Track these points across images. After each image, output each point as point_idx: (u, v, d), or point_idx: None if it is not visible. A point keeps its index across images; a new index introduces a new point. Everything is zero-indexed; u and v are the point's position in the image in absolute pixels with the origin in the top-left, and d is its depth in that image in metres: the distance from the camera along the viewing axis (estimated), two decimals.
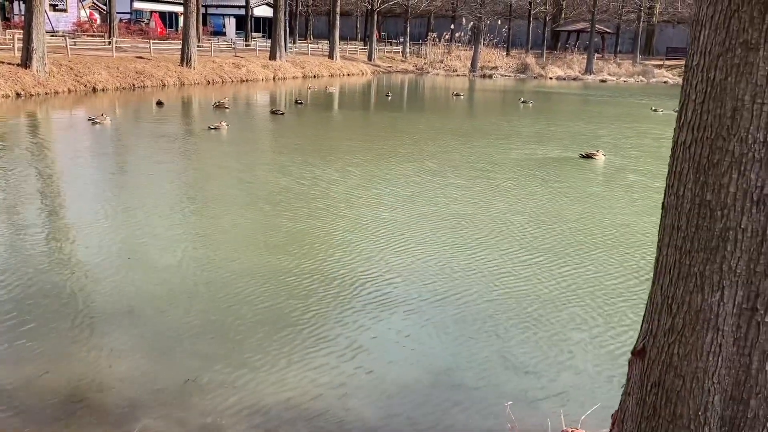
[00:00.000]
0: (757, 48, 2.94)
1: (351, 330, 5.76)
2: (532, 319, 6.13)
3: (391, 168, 12.86)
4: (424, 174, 12.37)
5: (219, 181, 11.37)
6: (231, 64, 34.17)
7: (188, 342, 5.44)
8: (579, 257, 7.88)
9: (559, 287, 6.91)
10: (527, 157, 14.61)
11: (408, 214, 9.42)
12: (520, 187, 11.59)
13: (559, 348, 5.60)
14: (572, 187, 11.71)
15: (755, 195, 3.03)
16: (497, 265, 7.48)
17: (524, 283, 6.98)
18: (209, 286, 6.59)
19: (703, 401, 3.22)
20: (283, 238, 8.11)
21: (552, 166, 13.54)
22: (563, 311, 6.32)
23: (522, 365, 5.30)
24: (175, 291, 6.45)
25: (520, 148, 15.86)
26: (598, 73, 49.72)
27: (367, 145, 15.90)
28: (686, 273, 3.23)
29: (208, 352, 5.29)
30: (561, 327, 5.99)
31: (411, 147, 15.59)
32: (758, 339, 3.12)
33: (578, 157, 14.48)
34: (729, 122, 3.03)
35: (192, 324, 5.76)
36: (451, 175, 12.34)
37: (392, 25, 73.63)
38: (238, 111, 21.59)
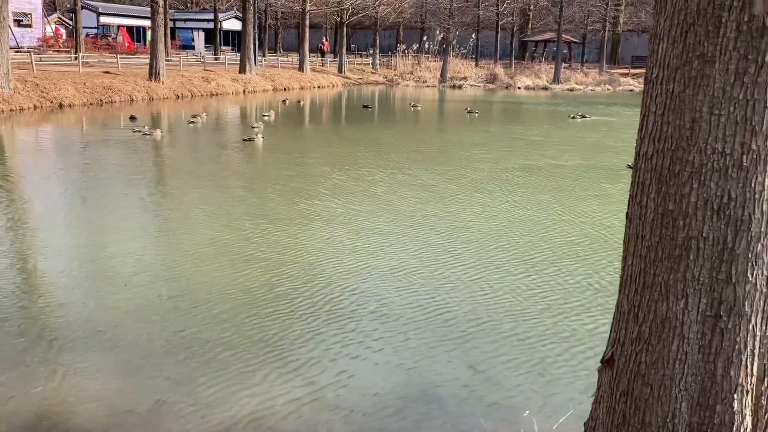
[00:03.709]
0: (713, 61, 3.01)
1: (323, 346, 5.73)
2: (503, 328, 6.16)
3: (359, 181, 12.86)
4: (391, 186, 12.40)
5: (191, 196, 11.26)
6: (200, 77, 33.95)
7: (160, 361, 5.37)
8: (548, 265, 7.95)
9: (529, 296, 6.96)
10: (504, 167, 14.74)
11: (377, 228, 9.42)
12: (483, 196, 11.68)
13: (531, 357, 5.64)
14: (524, 194, 11.84)
15: (715, 204, 3.09)
16: (467, 275, 7.50)
17: (495, 293, 7.02)
18: (181, 303, 6.52)
19: (671, 408, 3.26)
20: (256, 256, 8.05)
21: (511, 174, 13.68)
22: (535, 320, 6.36)
23: (494, 375, 5.31)
24: (146, 309, 6.36)
25: (497, 158, 15.99)
26: (566, 82, 50.43)
27: (333, 159, 15.89)
28: (651, 282, 3.28)
29: (180, 370, 5.22)
30: (533, 336, 6.03)
31: (378, 158, 15.63)
32: (722, 346, 3.18)
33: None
34: (688, 133, 3.10)
35: (163, 343, 5.68)
36: (415, 186, 12.39)
37: (362, 37, 73.96)
38: (218, 123, 21.48)
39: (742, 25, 2.95)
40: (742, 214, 3.08)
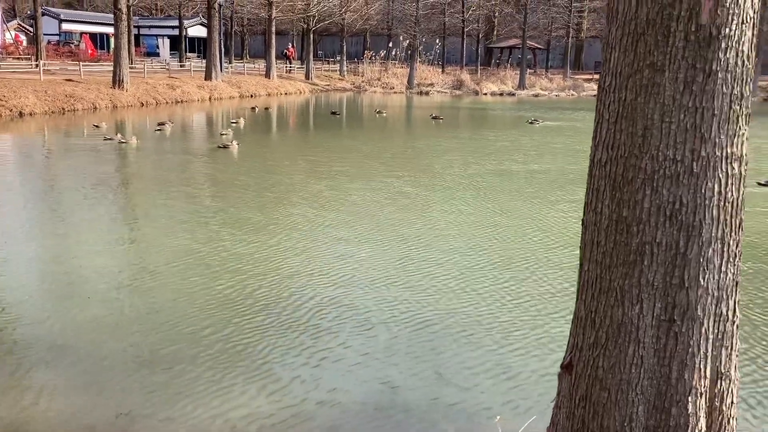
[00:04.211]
0: (663, 70, 3.07)
1: (293, 355, 5.68)
2: (469, 334, 6.18)
3: (335, 189, 12.82)
4: (367, 194, 12.38)
5: (161, 206, 11.10)
6: (165, 85, 33.56)
7: (125, 375, 5.26)
8: (522, 270, 8.00)
9: (495, 301, 6.99)
10: (474, 172, 14.82)
11: (352, 236, 9.38)
12: (458, 203, 11.72)
13: (497, 362, 5.66)
14: (496, 200, 11.93)
15: (668, 210, 3.15)
16: (444, 283, 7.51)
17: (461, 299, 7.03)
18: (148, 315, 6.40)
19: (628, 412, 3.30)
20: (225, 265, 7.95)
21: (488, 179, 13.77)
22: (501, 326, 6.40)
23: (460, 381, 5.32)
24: (112, 322, 6.24)
25: (465, 163, 16.08)
26: (531, 88, 51.02)
27: (307, 166, 15.81)
28: (607, 287, 3.33)
29: (145, 384, 5.12)
30: (499, 341, 6.06)
31: (351, 166, 15.61)
32: (676, 349, 3.23)
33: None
34: (640, 141, 3.15)
35: (129, 356, 5.57)
36: (391, 194, 12.40)
37: (329, 43, 73.93)
38: (188, 131, 21.23)
39: (690, 34, 3.02)
40: (693, 220, 3.14)
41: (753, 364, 5.65)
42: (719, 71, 3.03)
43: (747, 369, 5.55)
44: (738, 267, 3.28)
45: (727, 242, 3.20)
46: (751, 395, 5.15)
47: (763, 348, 5.97)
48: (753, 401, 5.07)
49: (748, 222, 10.33)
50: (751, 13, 3.05)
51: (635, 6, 3.10)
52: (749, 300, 7.09)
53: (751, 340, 6.14)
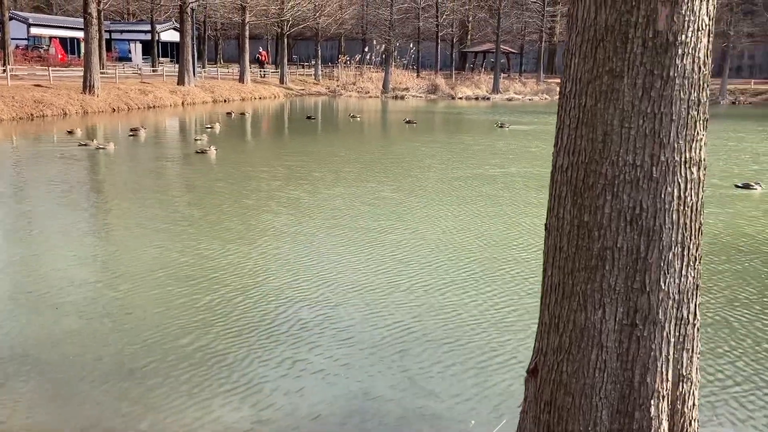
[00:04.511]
0: (622, 76, 3.09)
1: (265, 365, 5.63)
2: (441, 340, 6.17)
3: (314, 195, 12.76)
4: (344, 200, 12.35)
5: (134, 214, 10.95)
6: (137, 90, 33.21)
7: (95, 387, 5.15)
8: (484, 276, 8.02)
9: (464, 307, 7.00)
10: (451, 177, 14.85)
11: (331, 243, 9.31)
12: (439, 208, 11.73)
13: (468, 367, 5.66)
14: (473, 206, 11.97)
15: (628, 215, 3.17)
16: (425, 291, 7.49)
17: (430, 305, 7.03)
18: (122, 326, 6.28)
19: (592, 417, 3.31)
20: (201, 274, 7.85)
21: (461, 185, 13.81)
22: (472, 331, 6.40)
23: (431, 387, 5.31)
24: (82, 333, 6.12)
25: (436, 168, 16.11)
26: (505, 92, 51.41)
27: (285, 172, 15.72)
28: (570, 292, 3.34)
29: (117, 397, 5.03)
30: (470, 347, 6.06)
31: (330, 171, 15.56)
32: (639, 353, 3.25)
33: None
34: (601, 146, 3.17)
35: (101, 368, 5.46)
36: (371, 200, 12.38)
37: (304, 47, 73.77)
38: (164, 137, 20.96)
39: (648, 41, 3.05)
40: (653, 224, 3.17)
41: (713, 366, 5.72)
42: (677, 77, 3.07)
43: (708, 370, 5.63)
44: (698, 270, 3.31)
45: (687, 246, 3.23)
46: (712, 397, 5.20)
47: (724, 349, 6.04)
48: (714, 403, 5.12)
49: (723, 222, 10.56)
50: (707, 20, 3.09)
51: (594, 13, 3.12)
52: (731, 301, 7.19)
53: (712, 342, 6.22)
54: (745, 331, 6.40)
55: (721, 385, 5.39)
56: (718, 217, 11.11)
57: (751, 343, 6.16)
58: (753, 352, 5.97)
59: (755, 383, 5.40)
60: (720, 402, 5.13)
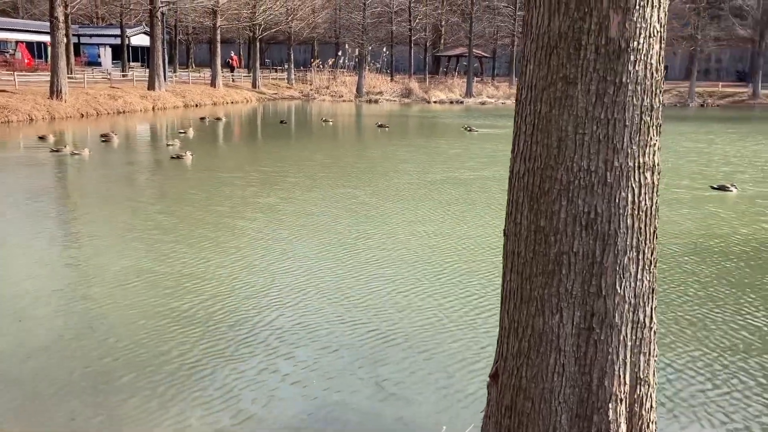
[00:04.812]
0: (576, 82, 3.12)
1: (231, 371, 5.57)
2: (408, 346, 6.17)
3: (288, 201, 12.67)
4: (320, 205, 12.29)
5: (102, 221, 10.78)
6: (106, 95, 32.75)
7: (66, 400, 5.05)
8: (462, 280, 8.03)
9: (442, 312, 6.99)
10: (422, 182, 14.86)
11: (307, 251, 9.21)
12: (417, 212, 11.71)
13: (436, 372, 5.66)
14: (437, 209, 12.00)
15: (584, 220, 3.20)
16: (392, 294, 7.47)
17: (406, 310, 7.02)
18: (90, 337, 6.16)
19: (552, 421, 3.33)
20: (173, 282, 7.75)
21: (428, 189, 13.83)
22: (440, 336, 6.41)
23: (400, 393, 5.30)
24: (51, 346, 5.99)
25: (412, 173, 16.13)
26: (478, 95, 51.70)
27: (261, 177, 15.60)
28: (528, 297, 3.36)
29: (88, 408, 4.94)
30: (438, 352, 6.06)
31: (306, 176, 15.49)
32: (596, 357, 3.28)
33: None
34: (556, 152, 3.19)
35: (71, 380, 5.35)
36: (348, 205, 12.34)
37: (276, 51, 73.45)
38: (136, 142, 20.68)
39: (600, 47, 3.08)
40: (608, 229, 3.20)
41: (670, 368, 5.79)
42: (629, 83, 3.10)
43: (664, 372, 5.69)
44: (654, 274, 3.35)
45: (642, 250, 3.26)
46: (669, 398, 5.26)
47: (678, 352, 6.10)
48: (672, 404, 5.17)
49: (700, 224, 10.71)
50: (658, 27, 3.13)
51: (548, 20, 3.15)
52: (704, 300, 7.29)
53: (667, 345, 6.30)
54: (721, 332, 6.48)
55: (701, 387, 5.43)
56: (694, 219, 11.28)
57: (729, 342, 6.23)
58: (732, 353, 6.03)
59: (733, 385, 5.45)
60: (674, 404, 5.19)
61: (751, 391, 5.37)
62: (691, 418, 4.96)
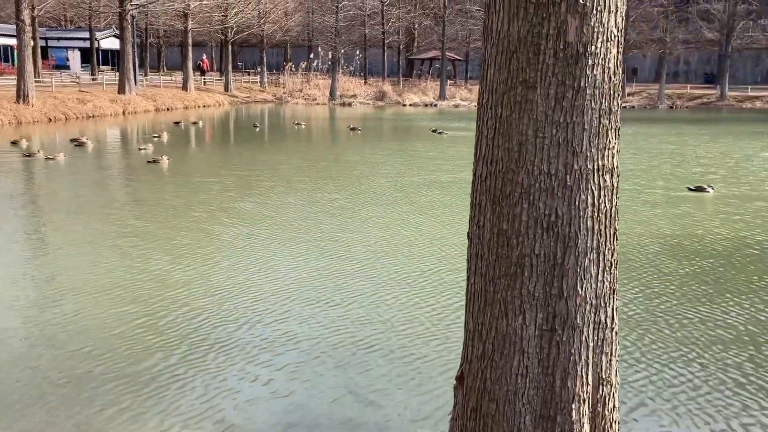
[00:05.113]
0: (535, 86, 3.15)
1: (209, 379, 5.51)
2: (380, 350, 6.16)
3: (259, 206, 12.59)
4: (298, 210, 12.24)
5: (71, 227, 10.60)
6: (75, 99, 32.30)
7: (38, 412, 4.94)
8: (443, 284, 8.03)
9: (414, 315, 6.98)
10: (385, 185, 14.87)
11: (278, 256, 9.13)
12: (397, 216, 11.69)
13: (407, 376, 5.65)
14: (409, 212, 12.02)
15: (545, 222, 3.22)
16: (342, 298, 7.47)
17: (378, 315, 7.01)
18: (63, 348, 6.04)
19: (516, 422, 3.35)
20: (135, 288, 7.64)
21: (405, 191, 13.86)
22: (410, 339, 6.41)
23: (372, 397, 5.29)
24: (23, 357, 5.85)
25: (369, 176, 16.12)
26: (451, 98, 51.97)
27: (235, 181, 15.47)
28: (491, 299, 3.37)
29: (49, 418, 4.84)
30: (409, 355, 6.06)
31: (282, 181, 15.41)
32: (559, 358, 3.31)
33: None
34: (516, 156, 3.22)
35: (43, 393, 5.25)
36: (327, 210, 12.30)
37: (249, 54, 73.10)
38: (110, 146, 20.39)
39: (559, 52, 3.11)
40: (569, 231, 3.23)
41: (632, 368, 5.86)
42: (587, 87, 3.14)
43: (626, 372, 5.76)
44: (614, 275, 3.39)
45: (602, 252, 3.30)
46: (632, 398, 5.30)
47: (641, 351, 6.17)
48: (634, 403, 5.22)
49: (678, 225, 10.86)
50: (615, 32, 3.17)
51: (507, 24, 3.17)
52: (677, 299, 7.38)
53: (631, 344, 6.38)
54: (699, 332, 6.56)
55: (682, 387, 5.48)
56: (673, 220, 11.43)
57: (706, 341, 6.31)
58: (715, 353, 6.11)
59: (713, 385, 5.50)
60: (637, 403, 5.26)
61: (728, 388, 5.42)
62: (673, 417, 5.00)
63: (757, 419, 4.98)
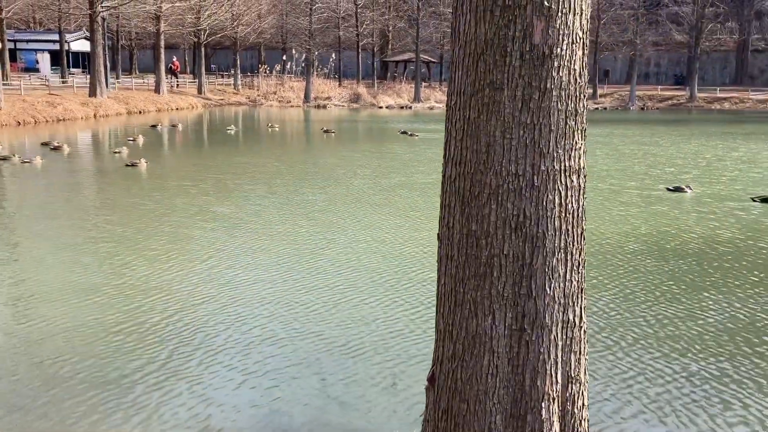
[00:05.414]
0: (502, 88, 3.18)
1: (182, 383, 5.46)
2: (353, 352, 6.15)
3: (237, 210, 12.49)
4: (265, 214, 12.16)
5: (41, 228, 10.42)
6: (45, 102, 31.79)
7: (2, 416, 4.87)
8: (417, 285, 8.05)
9: (396, 318, 6.97)
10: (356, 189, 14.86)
11: (248, 261, 9.05)
12: (379, 218, 11.67)
13: (380, 378, 5.65)
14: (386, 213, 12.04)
15: (513, 223, 3.25)
16: (313, 300, 7.45)
17: (348, 317, 7.01)
18: (35, 353, 5.93)
19: (487, 422, 3.37)
20: (119, 293, 7.53)
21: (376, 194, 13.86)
22: (387, 340, 6.41)
23: (345, 399, 5.28)
24: None
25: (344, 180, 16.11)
26: (426, 100, 52.11)
27: (212, 184, 15.33)
28: (461, 300, 3.39)
29: (24, 424, 4.75)
30: (387, 356, 6.06)
31: (260, 184, 15.31)
32: (528, 357, 3.33)
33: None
34: (485, 157, 3.24)
35: (7, 397, 5.14)
36: (305, 213, 12.25)
37: (223, 57, 72.60)
38: (86, 150, 20.08)
39: (525, 54, 3.14)
40: (537, 231, 3.26)
41: (602, 366, 5.93)
42: (554, 89, 3.17)
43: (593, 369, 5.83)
44: (582, 275, 3.43)
45: (570, 251, 3.34)
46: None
47: (615, 350, 6.25)
48: (603, 401, 5.28)
49: (657, 225, 10.98)
50: (580, 34, 3.21)
51: (474, 27, 3.20)
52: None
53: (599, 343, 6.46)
54: (678, 331, 6.63)
55: (650, 385, 5.55)
56: (654, 220, 11.57)
57: (681, 338, 6.40)
58: (697, 351, 6.19)
59: (685, 381, 5.57)
60: (604, 401, 5.32)
61: (703, 384, 5.49)
62: (645, 414, 5.06)
63: (735, 413, 5.05)
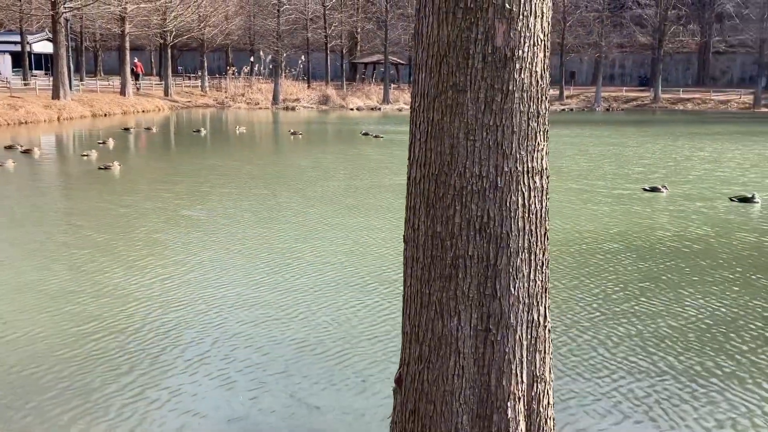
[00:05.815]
0: (465, 90, 3.19)
1: (152, 389, 5.37)
2: (326, 356, 6.12)
3: (212, 214, 12.34)
4: (240, 218, 12.05)
5: (14, 233, 10.19)
6: (6, 104, 31.11)
7: None
8: (374, 286, 8.06)
9: (383, 319, 6.96)
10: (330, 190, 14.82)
11: (223, 266, 8.92)
12: (348, 221, 11.63)
13: (351, 381, 5.64)
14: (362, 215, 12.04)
15: (477, 224, 3.27)
16: (288, 303, 7.41)
17: (317, 319, 6.98)
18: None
19: (454, 423, 3.39)
20: (91, 299, 7.39)
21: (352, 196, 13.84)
22: (353, 343, 6.40)
23: (316, 403, 5.26)
24: None
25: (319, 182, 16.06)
26: (395, 102, 52.19)
27: (186, 188, 15.12)
28: (427, 301, 3.40)
29: None
30: (355, 359, 6.04)
31: (236, 188, 15.16)
32: (494, 357, 3.36)
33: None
34: (449, 158, 3.26)
35: None
36: (279, 217, 12.15)
37: (190, 58, 71.85)
38: (57, 153, 19.65)
39: (487, 56, 3.16)
40: (501, 232, 3.28)
41: (577, 364, 6.00)
42: (516, 91, 3.20)
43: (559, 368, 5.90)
44: (546, 274, 3.47)
45: (533, 252, 3.37)
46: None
47: (575, 349, 6.32)
48: (569, 399, 5.34)
49: (633, 225, 11.12)
50: (542, 36, 3.25)
51: (437, 29, 3.21)
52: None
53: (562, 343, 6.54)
54: (658, 327, 6.73)
55: (620, 383, 5.60)
56: (630, 219, 11.73)
57: (664, 335, 6.48)
58: (672, 346, 6.28)
59: (655, 378, 5.64)
60: (569, 399, 5.38)
61: (676, 380, 5.58)
62: (612, 412, 5.12)
63: (709, 410, 5.12)
